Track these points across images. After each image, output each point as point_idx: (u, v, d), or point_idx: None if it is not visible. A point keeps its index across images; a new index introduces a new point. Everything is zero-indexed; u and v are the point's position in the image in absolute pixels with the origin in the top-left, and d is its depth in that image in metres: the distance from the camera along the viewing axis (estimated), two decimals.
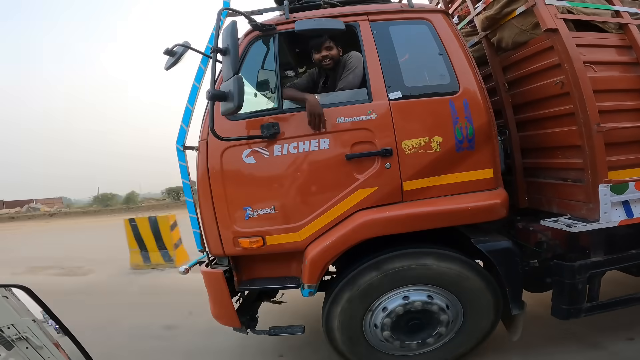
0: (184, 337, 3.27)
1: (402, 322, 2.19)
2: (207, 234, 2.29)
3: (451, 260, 2.14)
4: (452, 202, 2.15)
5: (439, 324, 2.20)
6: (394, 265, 2.12)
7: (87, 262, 6.73)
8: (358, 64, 2.23)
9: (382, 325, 2.18)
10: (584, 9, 2.15)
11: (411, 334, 2.23)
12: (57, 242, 10.14)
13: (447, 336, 2.25)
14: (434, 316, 2.18)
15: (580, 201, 2.11)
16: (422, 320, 2.20)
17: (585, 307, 2.15)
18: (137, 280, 5.47)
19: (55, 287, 5.05)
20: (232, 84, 1.83)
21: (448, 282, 2.15)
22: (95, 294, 4.90)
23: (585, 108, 1.99)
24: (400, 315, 2.17)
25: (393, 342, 2.22)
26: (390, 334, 2.19)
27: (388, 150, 2.12)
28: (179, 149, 2.26)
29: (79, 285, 5.38)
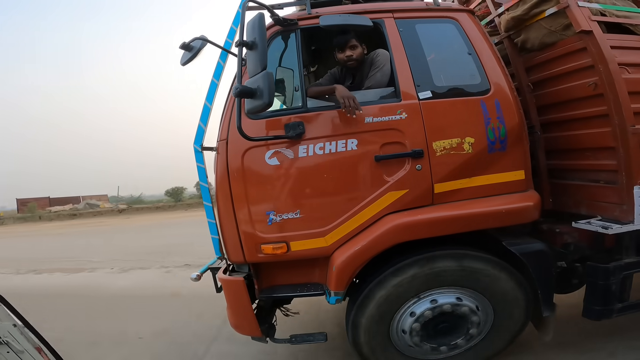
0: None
1: (431, 326, 2.12)
2: (227, 240, 2.17)
3: (485, 262, 2.06)
4: (484, 204, 2.08)
5: (469, 326, 2.13)
6: (429, 266, 2.04)
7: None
8: (386, 62, 2.15)
9: (410, 330, 2.10)
10: (615, 11, 2.15)
11: (441, 337, 2.16)
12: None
13: (477, 338, 2.19)
14: (464, 318, 2.12)
15: (613, 203, 2.07)
16: (452, 322, 2.13)
17: (617, 307, 2.11)
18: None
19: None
20: (262, 80, 1.72)
21: (480, 285, 2.08)
22: None
23: (620, 109, 1.96)
24: (429, 319, 2.09)
25: (422, 347, 2.14)
26: (419, 338, 2.11)
27: (419, 151, 2.04)
28: (196, 149, 2.12)
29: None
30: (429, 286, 2.07)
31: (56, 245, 10.49)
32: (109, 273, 6.23)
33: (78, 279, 6.02)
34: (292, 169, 2.08)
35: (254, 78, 1.76)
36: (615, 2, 2.18)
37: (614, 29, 2.14)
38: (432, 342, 2.16)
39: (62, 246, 9.99)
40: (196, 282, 2.60)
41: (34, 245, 10.98)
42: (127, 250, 8.08)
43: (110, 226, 15.12)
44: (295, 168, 2.08)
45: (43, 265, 7.13)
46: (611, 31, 2.12)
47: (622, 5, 2.20)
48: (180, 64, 2.11)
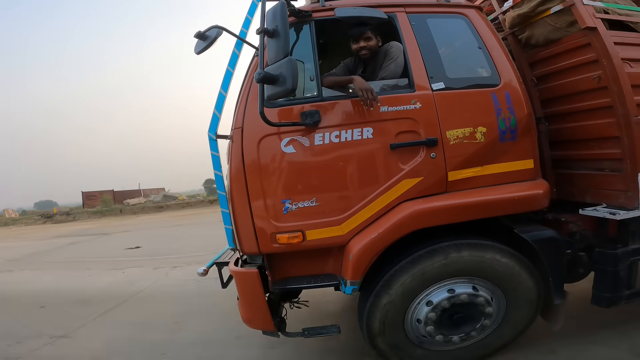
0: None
1: (446, 316, 2.13)
2: (240, 231, 2.14)
3: (497, 252, 2.09)
4: (497, 192, 2.13)
5: (483, 316, 2.15)
6: (446, 255, 2.05)
7: None
8: (399, 54, 2.19)
9: (425, 320, 2.10)
10: (618, 10, 2.25)
11: (454, 327, 2.16)
12: None
13: (490, 328, 2.21)
14: (478, 308, 2.13)
15: (619, 190, 2.14)
16: (466, 313, 2.14)
17: (625, 294, 2.17)
18: None
19: None
20: (285, 66, 1.74)
21: (493, 274, 2.10)
22: None
23: (624, 101, 2.05)
24: (445, 309, 2.10)
25: (435, 337, 2.14)
26: (433, 328, 2.12)
27: (433, 139, 2.07)
28: (211, 137, 2.10)
29: None
30: (446, 275, 2.08)
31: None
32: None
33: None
34: (308, 157, 2.08)
35: (276, 64, 1.77)
36: (617, 1, 2.29)
37: (616, 26, 2.24)
38: (445, 332, 2.16)
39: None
40: (203, 276, 2.56)
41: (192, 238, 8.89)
42: None
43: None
44: (311, 156, 2.08)
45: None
46: (613, 28, 2.21)
47: (624, 4, 2.31)
48: (195, 52, 2.10)
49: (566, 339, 2.45)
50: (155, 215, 18.64)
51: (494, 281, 2.12)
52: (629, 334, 2.48)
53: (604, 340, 2.44)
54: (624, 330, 2.51)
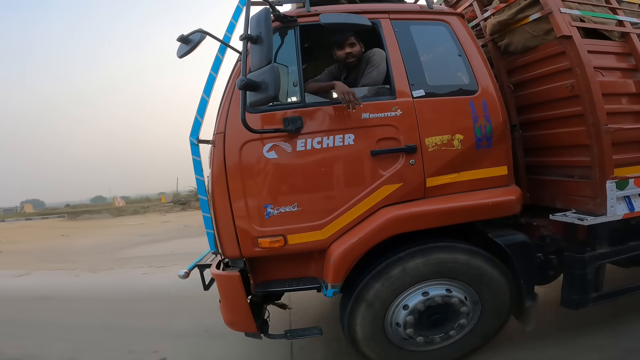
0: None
1: (424, 318, 2.20)
2: (222, 235, 2.15)
3: (472, 255, 2.17)
4: (472, 197, 2.19)
5: (459, 316, 2.22)
6: (424, 259, 2.12)
7: None
8: (381, 61, 2.22)
9: (404, 323, 2.17)
10: (593, 17, 2.31)
11: (433, 328, 2.24)
12: None
13: (466, 328, 2.28)
14: (454, 309, 2.20)
15: (587, 196, 2.24)
16: (443, 314, 2.21)
17: (592, 296, 2.27)
18: None
19: None
20: (268, 73, 1.74)
21: (470, 276, 2.18)
22: None
23: (595, 110, 2.13)
24: (422, 311, 2.17)
25: (415, 338, 2.21)
26: (413, 330, 2.18)
27: (413, 146, 2.12)
28: (192, 142, 2.09)
29: None
30: (422, 278, 2.14)
31: None
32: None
33: None
34: (291, 163, 2.10)
35: (259, 71, 1.77)
36: (593, 9, 2.35)
37: (591, 34, 2.30)
38: (424, 333, 2.22)
39: None
40: (184, 279, 2.57)
41: None
42: None
43: None
44: (293, 162, 2.10)
45: None
46: (588, 36, 2.27)
47: (600, 12, 2.37)
48: (177, 56, 2.09)
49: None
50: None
51: (469, 283, 2.19)
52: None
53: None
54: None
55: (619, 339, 2.48)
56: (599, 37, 2.33)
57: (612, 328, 2.60)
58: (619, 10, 2.40)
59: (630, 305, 2.76)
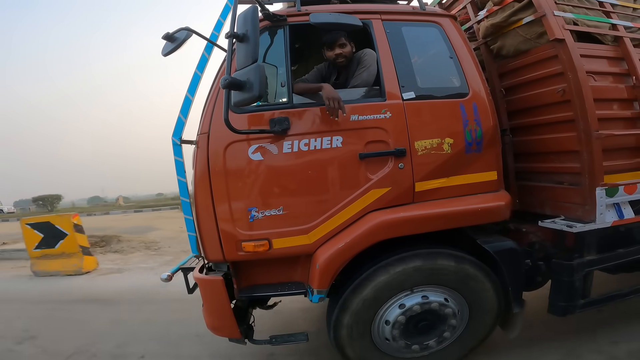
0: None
1: (412, 324, 2.16)
2: (205, 238, 2.10)
3: (461, 261, 2.13)
4: (461, 203, 2.16)
5: (447, 323, 2.19)
6: (412, 264, 2.08)
7: None
8: (372, 62, 2.17)
9: (393, 323, 2.12)
10: (587, 21, 2.28)
11: (417, 335, 2.20)
12: None
13: (448, 341, 2.25)
14: (441, 316, 2.17)
15: (576, 203, 2.22)
16: (430, 320, 2.18)
17: (580, 303, 2.25)
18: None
19: None
20: (253, 72, 1.68)
21: (457, 283, 2.14)
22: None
23: (586, 115, 2.10)
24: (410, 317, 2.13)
25: (398, 342, 2.17)
26: (399, 334, 2.15)
27: (402, 150, 2.08)
28: (175, 142, 2.04)
29: None
30: (409, 285, 2.10)
31: None
32: None
33: None
34: (276, 165, 2.05)
35: (244, 70, 1.71)
36: (587, 13, 2.32)
37: (584, 38, 2.27)
38: (408, 339, 2.19)
39: None
40: (167, 282, 2.51)
41: None
42: None
43: None
44: (279, 164, 2.05)
45: None
46: (581, 40, 2.25)
47: (593, 16, 2.34)
48: (162, 54, 2.02)
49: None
50: None
51: (458, 289, 2.16)
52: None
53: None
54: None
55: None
56: (591, 40, 2.30)
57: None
58: (612, 14, 2.37)
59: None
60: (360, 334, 2.15)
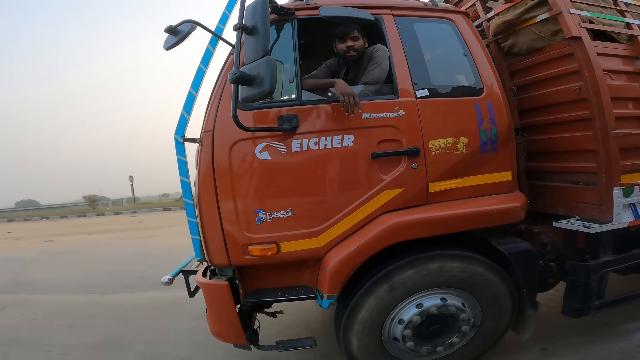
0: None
1: (423, 328, 2.09)
2: (209, 241, 2.00)
3: (476, 263, 2.06)
4: (476, 204, 2.09)
5: (459, 324, 2.12)
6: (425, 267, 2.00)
7: None
8: (384, 59, 2.09)
9: (402, 338, 2.06)
10: (602, 19, 2.24)
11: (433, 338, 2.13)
12: None
13: (466, 339, 2.19)
14: (453, 318, 2.10)
15: (592, 203, 2.16)
16: (443, 323, 2.11)
17: (595, 304, 2.21)
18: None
19: None
20: (263, 66, 1.59)
21: (471, 285, 2.08)
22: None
23: (603, 114, 2.05)
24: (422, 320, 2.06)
25: (419, 350, 2.11)
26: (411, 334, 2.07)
27: (415, 149, 2.00)
28: (177, 140, 1.93)
29: None
30: (421, 287, 2.03)
31: None
32: None
33: None
34: (285, 164, 1.96)
35: (253, 64, 1.62)
36: (602, 11, 2.28)
37: (598, 36, 2.23)
38: (421, 343, 2.11)
39: None
40: (167, 286, 2.40)
41: None
42: None
43: None
44: (288, 163, 1.96)
45: None
46: (596, 38, 2.20)
47: (609, 14, 2.30)
48: (164, 48, 1.92)
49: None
50: None
51: (471, 292, 2.09)
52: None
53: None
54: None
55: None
56: (605, 39, 2.26)
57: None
58: (626, 13, 2.34)
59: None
60: (370, 339, 2.06)
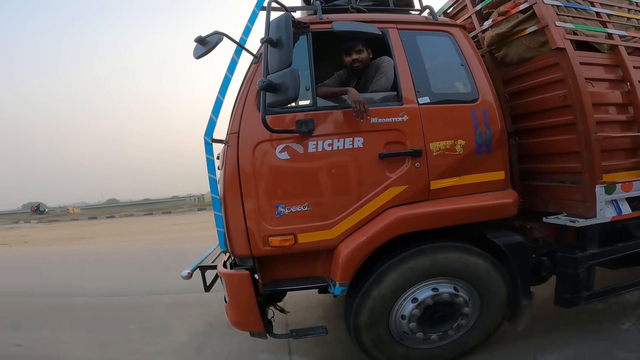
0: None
1: (427, 315, 2.28)
2: (232, 233, 2.20)
3: (476, 255, 2.27)
4: (473, 200, 2.31)
5: (460, 315, 2.31)
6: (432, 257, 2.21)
7: None
8: (390, 69, 2.32)
9: (409, 317, 2.24)
10: (585, 31, 2.47)
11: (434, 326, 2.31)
12: None
13: (466, 327, 2.37)
14: (456, 309, 2.30)
15: (578, 200, 2.38)
16: (445, 313, 2.30)
17: (584, 295, 2.40)
18: None
19: None
20: (288, 76, 1.82)
21: (470, 275, 2.27)
22: None
23: (585, 119, 2.27)
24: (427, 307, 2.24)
25: (416, 334, 2.28)
26: (416, 325, 2.26)
27: (418, 150, 2.22)
28: (207, 141, 2.14)
29: None
30: (429, 275, 2.23)
31: None
32: None
33: None
34: (302, 164, 2.17)
35: (279, 73, 1.85)
36: (585, 23, 2.50)
37: (582, 46, 2.45)
38: (425, 330, 2.29)
39: None
40: (187, 279, 2.59)
41: None
42: None
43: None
44: (304, 163, 2.17)
45: None
46: (580, 49, 2.43)
47: (591, 25, 2.52)
48: (194, 56, 2.13)
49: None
50: None
51: (472, 282, 2.29)
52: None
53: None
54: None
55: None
56: (589, 49, 2.49)
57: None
58: (608, 24, 2.56)
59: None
60: (378, 322, 2.24)
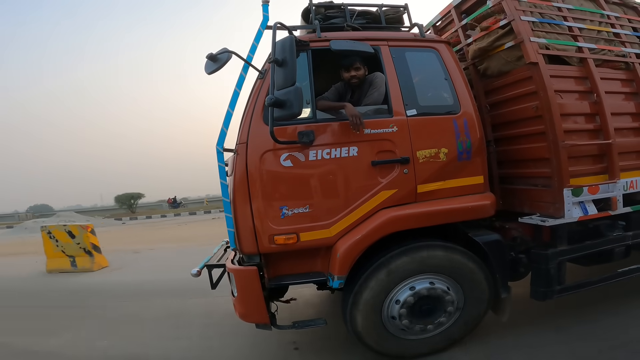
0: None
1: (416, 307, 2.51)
2: (242, 233, 2.45)
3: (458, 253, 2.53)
4: (456, 202, 2.57)
5: (446, 306, 2.54)
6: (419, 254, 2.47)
7: None
8: (382, 84, 2.57)
9: (402, 303, 2.46)
10: (557, 45, 2.70)
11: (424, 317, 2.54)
12: None
13: (455, 315, 2.60)
14: (440, 300, 2.53)
15: (548, 202, 2.65)
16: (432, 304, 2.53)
17: (557, 289, 2.64)
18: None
19: None
20: (293, 93, 2.07)
21: (453, 270, 2.52)
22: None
23: (554, 128, 2.53)
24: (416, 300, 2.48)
25: (402, 322, 2.50)
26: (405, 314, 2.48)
27: (406, 158, 2.49)
28: (219, 150, 2.39)
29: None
30: (417, 272, 2.47)
31: None
32: None
33: None
34: (303, 170, 2.43)
35: (284, 91, 2.09)
36: (558, 37, 2.74)
37: (555, 60, 2.69)
38: (414, 321, 2.52)
39: None
40: (196, 277, 2.83)
41: None
42: None
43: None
44: (306, 169, 2.43)
45: None
46: (552, 62, 2.66)
47: (563, 40, 2.76)
48: (206, 72, 2.33)
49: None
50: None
51: (455, 278, 2.53)
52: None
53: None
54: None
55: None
56: (561, 62, 2.72)
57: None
58: (580, 37, 2.80)
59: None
60: (372, 316, 2.48)
